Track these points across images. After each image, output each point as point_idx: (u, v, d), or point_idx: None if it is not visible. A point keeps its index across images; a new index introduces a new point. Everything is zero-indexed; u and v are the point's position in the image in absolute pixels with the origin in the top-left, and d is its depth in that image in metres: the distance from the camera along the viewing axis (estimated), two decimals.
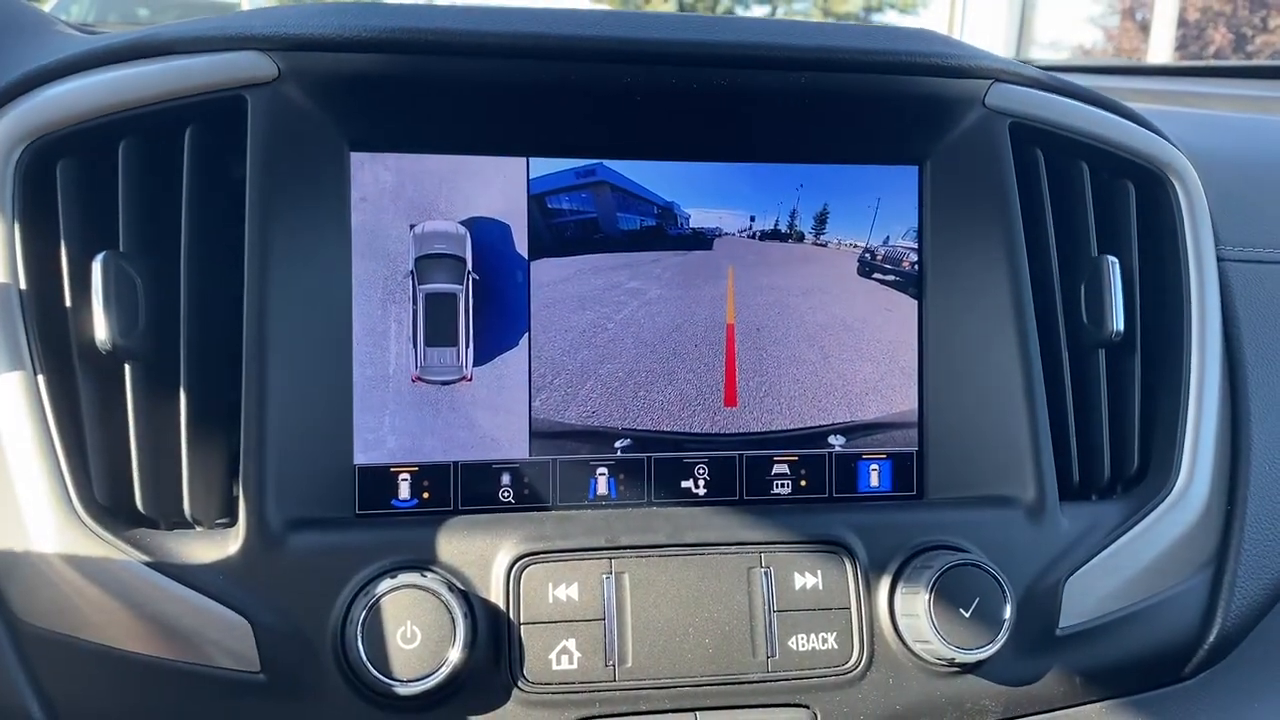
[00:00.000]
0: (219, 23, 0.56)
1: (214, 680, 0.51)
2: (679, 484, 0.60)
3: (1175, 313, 0.64)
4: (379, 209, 0.57)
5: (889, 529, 0.57)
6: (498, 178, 0.59)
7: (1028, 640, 0.56)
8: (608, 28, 0.56)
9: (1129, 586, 0.59)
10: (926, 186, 0.62)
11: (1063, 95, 0.63)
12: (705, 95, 0.57)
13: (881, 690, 0.55)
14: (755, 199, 0.61)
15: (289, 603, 0.51)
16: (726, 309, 0.61)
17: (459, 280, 0.58)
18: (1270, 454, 0.63)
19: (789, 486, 0.61)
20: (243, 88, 0.55)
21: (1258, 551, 0.62)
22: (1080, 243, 0.64)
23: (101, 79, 0.55)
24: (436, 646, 0.50)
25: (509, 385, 0.59)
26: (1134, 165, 0.64)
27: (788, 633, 0.54)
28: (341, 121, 0.56)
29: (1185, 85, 1.35)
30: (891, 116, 0.61)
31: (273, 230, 0.54)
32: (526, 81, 0.56)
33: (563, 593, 0.53)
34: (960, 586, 0.53)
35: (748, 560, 0.55)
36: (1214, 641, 0.61)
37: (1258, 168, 0.72)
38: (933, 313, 0.62)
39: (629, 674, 0.52)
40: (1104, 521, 0.60)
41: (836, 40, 0.58)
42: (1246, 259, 0.67)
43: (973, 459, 0.61)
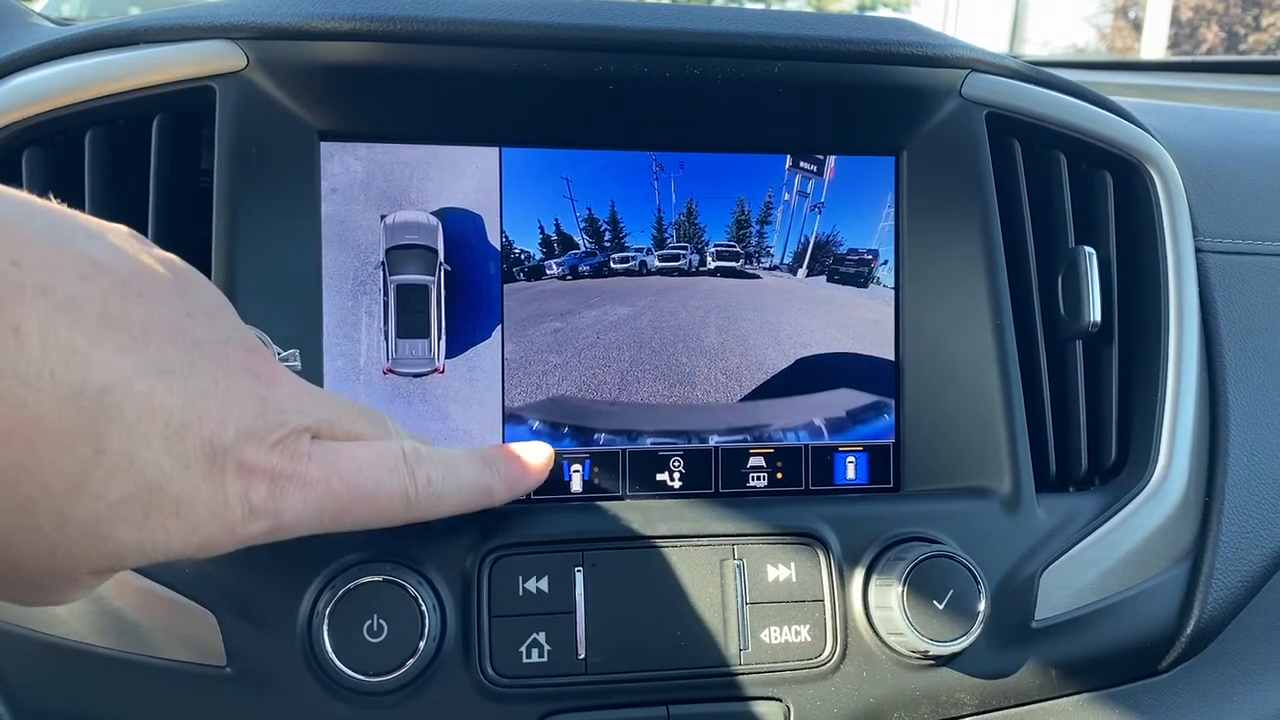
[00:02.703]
0: (186, 12, 0.56)
1: (179, 674, 0.50)
2: (654, 476, 0.60)
3: (1153, 304, 0.63)
4: (349, 199, 0.57)
5: (864, 521, 0.56)
6: (470, 168, 0.58)
7: (1003, 633, 0.56)
8: (579, 15, 0.55)
9: (1106, 579, 0.59)
10: (903, 177, 0.62)
11: (1040, 85, 0.63)
12: (678, 84, 0.57)
13: (855, 683, 0.54)
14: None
15: (255, 596, 0.50)
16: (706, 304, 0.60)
17: (431, 271, 0.58)
18: (1248, 446, 0.63)
19: (765, 479, 0.61)
20: (210, 77, 0.54)
21: (1235, 544, 0.61)
22: (1057, 234, 0.63)
23: (67, 68, 0.54)
24: (404, 640, 0.49)
25: (481, 377, 0.58)
26: (1111, 156, 0.64)
27: (760, 625, 0.53)
28: (311, 111, 0.55)
29: (1173, 80, 1.35)
30: (868, 106, 0.61)
31: (241, 221, 0.54)
32: (498, 70, 0.56)
33: (533, 585, 0.52)
34: (934, 578, 0.53)
35: (720, 553, 0.54)
36: (1191, 634, 0.60)
37: (1237, 160, 0.72)
38: (909, 304, 0.62)
39: (600, 667, 0.52)
40: (1081, 513, 0.60)
41: (810, 29, 0.57)
42: (1225, 250, 0.67)
43: (949, 451, 0.60)
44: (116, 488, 0.32)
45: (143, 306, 0.33)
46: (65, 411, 0.30)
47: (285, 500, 0.38)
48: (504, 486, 0.49)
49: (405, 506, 0.43)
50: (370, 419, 0.44)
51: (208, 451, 0.35)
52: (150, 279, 0.34)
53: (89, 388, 0.31)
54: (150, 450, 0.33)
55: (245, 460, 0.36)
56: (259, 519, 0.37)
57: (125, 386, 0.32)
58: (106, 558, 0.34)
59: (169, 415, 0.33)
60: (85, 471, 0.31)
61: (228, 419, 0.35)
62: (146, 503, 0.33)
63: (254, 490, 0.37)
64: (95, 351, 0.31)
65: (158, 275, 0.35)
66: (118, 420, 0.32)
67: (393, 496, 0.43)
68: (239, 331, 0.38)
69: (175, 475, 0.33)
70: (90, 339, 0.31)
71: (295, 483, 0.38)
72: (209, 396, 0.35)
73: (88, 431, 0.31)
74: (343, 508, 0.40)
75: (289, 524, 0.39)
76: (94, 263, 0.32)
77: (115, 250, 0.34)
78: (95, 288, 0.32)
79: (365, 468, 0.41)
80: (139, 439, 0.32)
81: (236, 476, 0.36)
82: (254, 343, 0.39)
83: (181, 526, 0.34)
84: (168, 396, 0.33)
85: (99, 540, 0.33)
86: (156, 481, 0.33)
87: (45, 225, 0.32)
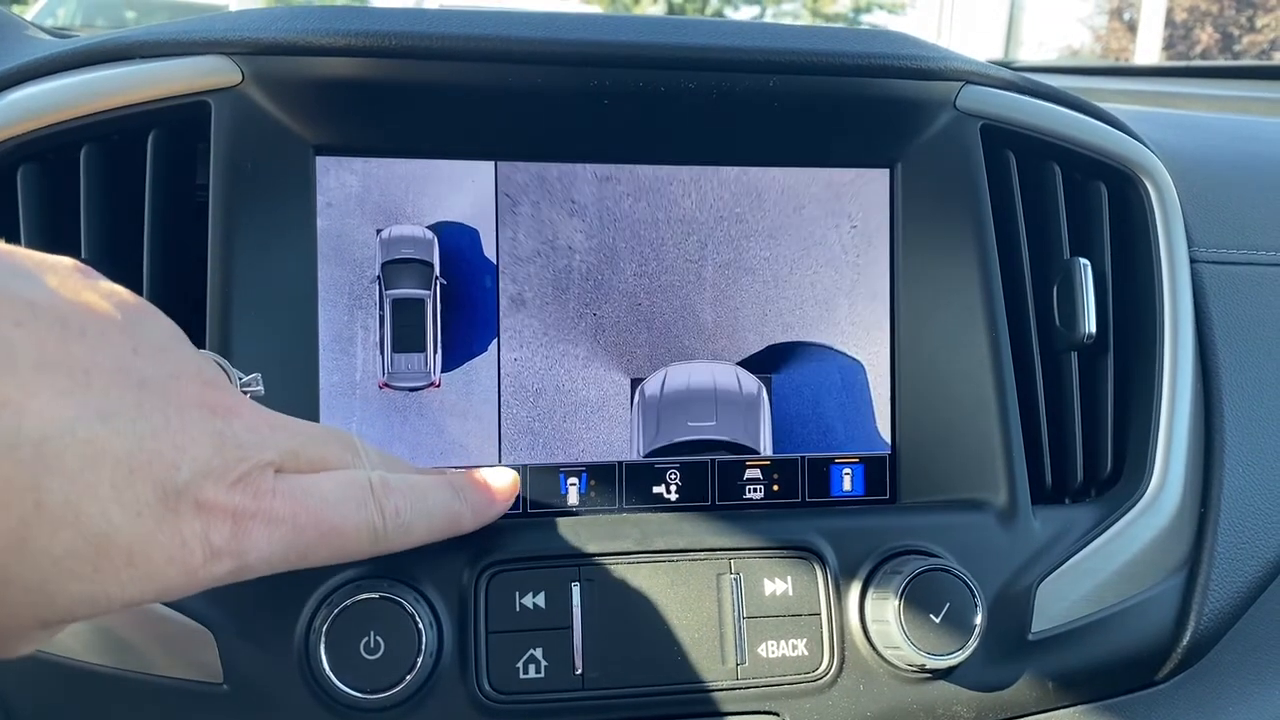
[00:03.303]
0: (182, 26, 0.56)
1: (177, 692, 0.50)
2: (650, 489, 0.60)
3: (1148, 315, 0.63)
4: (345, 214, 0.57)
5: (860, 534, 0.56)
6: (466, 182, 0.58)
7: (999, 645, 0.56)
8: (574, 30, 0.55)
9: (1102, 591, 0.59)
10: (898, 190, 0.62)
11: (1034, 96, 0.63)
12: (673, 99, 0.57)
13: (852, 697, 0.54)
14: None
15: (253, 612, 0.50)
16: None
17: (426, 285, 0.58)
18: (1243, 457, 0.63)
19: (761, 491, 0.61)
20: (206, 93, 0.54)
21: (1231, 555, 0.61)
22: (1052, 245, 0.63)
23: (62, 84, 0.54)
24: (401, 656, 0.49)
25: (477, 391, 0.58)
26: (1106, 166, 0.64)
27: (757, 639, 0.53)
28: (306, 126, 0.55)
29: (1167, 86, 1.35)
30: (863, 119, 0.61)
31: (236, 236, 0.54)
32: (493, 85, 0.56)
33: (530, 601, 0.52)
34: (931, 592, 0.53)
35: (717, 567, 0.54)
36: (1187, 645, 0.60)
37: (1231, 168, 0.72)
38: (904, 316, 0.62)
39: (597, 682, 0.52)
40: (1077, 525, 0.60)
41: (805, 43, 0.57)
42: (1219, 260, 0.67)
43: (945, 463, 0.61)
44: (61, 542, 0.31)
45: (84, 346, 0.32)
46: (1, 466, 0.29)
47: (249, 540, 0.36)
48: (471, 514, 0.48)
49: (372, 540, 0.42)
50: (336, 442, 0.43)
51: (160, 495, 0.33)
52: (92, 317, 0.33)
53: (24, 439, 0.29)
54: (96, 500, 0.31)
55: (204, 500, 0.35)
56: (222, 560, 0.36)
57: (65, 434, 0.30)
58: (56, 613, 0.32)
59: (116, 460, 0.32)
60: (26, 527, 0.30)
61: (181, 459, 0.34)
62: (95, 555, 0.31)
63: (215, 531, 0.35)
64: (30, 400, 0.30)
65: (101, 312, 0.34)
66: (58, 471, 0.30)
67: (360, 530, 0.41)
68: (192, 364, 0.37)
69: (125, 524, 0.32)
70: (24, 387, 0.30)
71: (259, 521, 0.37)
72: (159, 437, 0.33)
73: (26, 485, 0.30)
74: (309, 544, 0.39)
75: (254, 564, 0.37)
76: (30, 305, 0.31)
77: (53, 290, 0.33)
78: (30, 332, 0.31)
79: (332, 501, 0.40)
80: (83, 489, 0.31)
81: (195, 518, 0.34)
82: (210, 374, 0.37)
83: (136, 575, 0.33)
84: (113, 441, 0.32)
85: (46, 597, 0.31)
86: (105, 532, 0.31)
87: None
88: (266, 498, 0.37)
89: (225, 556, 0.36)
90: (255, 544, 0.37)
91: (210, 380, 0.37)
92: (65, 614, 0.33)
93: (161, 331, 0.36)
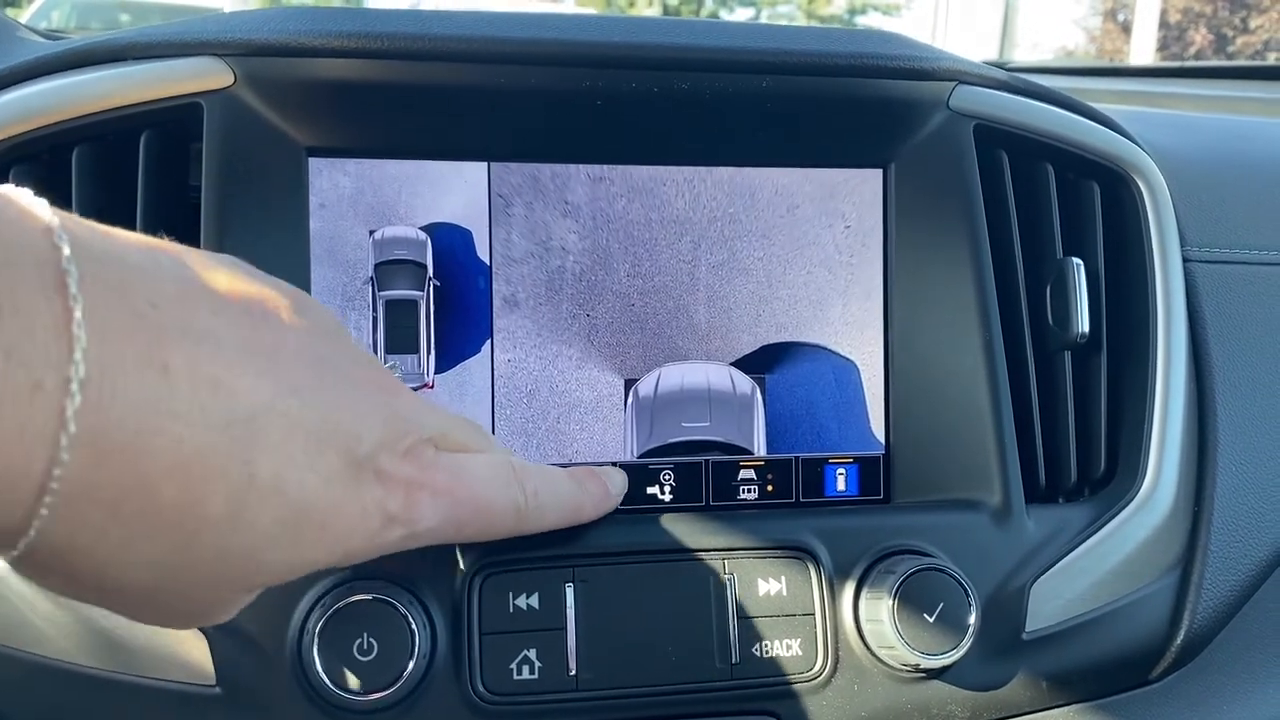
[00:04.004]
0: (174, 28, 0.56)
1: (169, 695, 0.50)
2: (644, 490, 0.60)
3: (1141, 314, 0.64)
4: (338, 215, 0.57)
5: (854, 534, 0.56)
6: (459, 183, 0.58)
7: (994, 645, 0.56)
8: (566, 31, 0.55)
9: (1096, 590, 0.59)
10: (891, 190, 0.62)
11: (1027, 96, 0.63)
12: (666, 100, 0.57)
13: (846, 697, 0.54)
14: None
15: (245, 615, 0.49)
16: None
17: (420, 286, 0.58)
18: (1236, 455, 0.63)
19: (755, 491, 0.61)
20: (198, 94, 0.54)
21: (1224, 554, 0.61)
22: (1045, 245, 0.64)
23: (55, 85, 0.54)
24: (394, 658, 0.49)
25: (471, 392, 0.58)
26: (1098, 166, 0.64)
27: (751, 640, 0.53)
28: (299, 127, 0.55)
29: (1160, 86, 1.36)
30: (856, 119, 0.61)
31: (229, 238, 0.54)
32: (486, 86, 0.56)
33: (523, 602, 0.52)
34: (925, 591, 0.53)
35: (711, 567, 0.54)
36: (1181, 644, 0.60)
37: (1224, 168, 0.72)
38: (898, 315, 0.62)
39: (591, 683, 0.52)
40: (1070, 524, 0.60)
41: (797, 43, 0.57)
42: (1212, 259, 0.67)
43: (939, 462, 0.61)
44: (269, 513, 0.33)
45: (269, 331, 0.34)
46: (219, 442, 0.31)
47: (419, 509, 0.39)
48: (591, 505, 0.51)
49: (516, 518, 0.44)
50: (473, 428, 0.45)
51: (346, 465, 0.35)
52: (270, 303, 0.35)
53: (237, 416, 0.31)
54: (296, 470, 0.33)
55: (382, 470, 0.37)
56: (395, 527, 0.38)
57: (267, 410, 0.32)
58: (261, 578, 0.35)
59: (308, 433, 0.34)
60: (241, 500, 0.32)
61: (362, 431, 0.36)
62: (296, 523, 0.34)
63: (391, 499, 0.37)
64: (237, 380, 0.32)
65: (275, 299, 0.36)
66: (265, 445, 0.32)
67: (506, 508, 0.44)
68: (354, 345, 0.39)
69: (320, 492, 0.34)
70: (230, 368, 0.32)
71: (427, 491, 0.39)
72: (341, 410, 0.35)
73: (241, 459, 0.31)
74: (464, 519, 0.42)
75: (421, 533, 0.39)
76: (218, 295, 0.33)
77: (232, 279, 0.34)
78: (226, 318, 0.33)
79: (483, 479, 0.43)
80: (285, 461, 0.33)
81: (375, 486, 0.37)
82: (370, 356, 0.40)
83: (327, 540, 0.35)
84: (305, 414, 0.34)
85: (255, 565, 0.34)
86: (305, 501, 0.34)
87: (168, 264, 0.32)
88: (430, 470, 0.40)
89: (398, 524, 0.38)
90: (423, 513, 0.39)
91: (372, 362, 0.40)
92: (269, 579, 0.35)
93: (325, 316, 0.38)
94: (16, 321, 0.27)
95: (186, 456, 0.30)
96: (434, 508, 0.40)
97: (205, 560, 0.32)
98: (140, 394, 0.29)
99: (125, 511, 0.29)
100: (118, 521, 0.29)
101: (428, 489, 0.39)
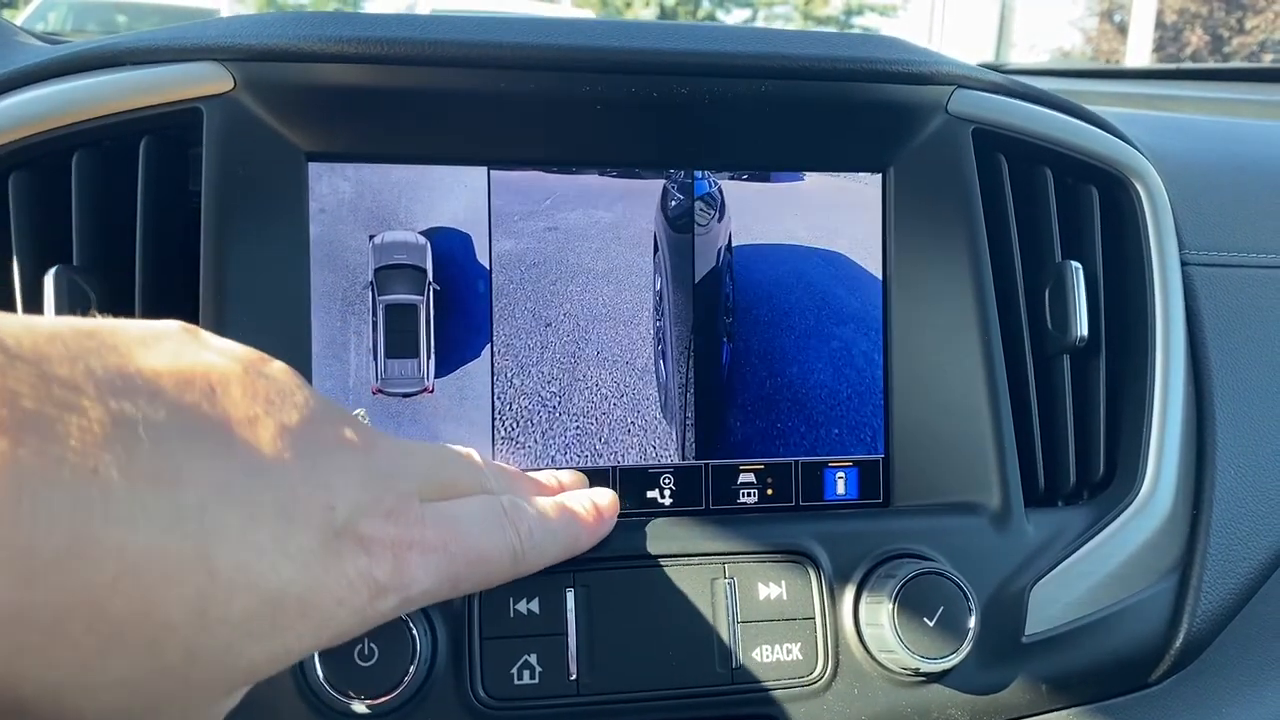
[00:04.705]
0: (174, 32, 0.56)
1: None
2: (644, 494, 0.60)
3: (1139, 317, 0.64)
4: (337, 220, 0.57)
5: (854, 537, 0.56)
6: (458, 187, 0.58)
7: (993, 648, 0.56)
8: (566, 36, 0.55)
9: (1095, 593, 0.59)
10: (890, 194, 0.62)
11: (1025, 100, 0.63)
12: (665, 104, 0.57)
13: (846, 701, 0.54)
14: None
15: None
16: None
17: (419, 291, 0.58)
18: (1235, 458, 0.63)
19: (755, 495, 0.61)
20: (198, 99, 0.54)
21: (1223, 556, 0.62)
22: (1044, 248, 0.64)
23: (53, 90, 0.54)
24: (395, 664, 0.49)
25: (471, 396, 0.58)
26: (1097, 169, 0.64)
27: (751, 644, 0.53)
28: (299, 133, 0.55)
29: (1158, 88, 1.36)
30: (855, 124, 0.61)
31: (229, 243, 0.54)
32: (486, 91, 0.56)
33: (524, 607, 0.52)
34: (924, 595, 0.53)
35: (711, 571, 0.54)
36: (1180, 647, 0.61)
37: (1222, 171, 0.72)
38: (897, 320, 0.62)
39: (592, 688, 0.52)
40: (1070, 528, 0.60)
41: (796, 48, 0.57)
42: (1210, 263, 0.67)
43: (939, 466, 0.61)
44: (239, 606, 0.30)
45: (217, 406, 0.31)
46: (168, 542, 0.28)
47: (409, 572, 0.36)
48: (587, 534, 0.49)
49: (513, 563, 0.43)
50: (460, 461, 0.43)
51: (322, 539, 0.33)
52: (218, 375, 0.32)
53: (185, 509, 0.29)
54: (264, 556, 0.31)
55: (363, 535, 0.34)
56: (388, 596, 0.35)
57: (221, 497, 0.30)
58: (240, 677, 0.32)
59: (274, 513, 0.31)
60: (203, 598, 0.29)
61: (334, 498, 0.34)
62: (272, 612, 0.31)
63: (377, 566, 0.35)
64: (182, 470, 0.29)
65: (224, 370, 0.33)
66: (223, 536, 0.30)
67: (502, 555, 0.42)
68: (318, 403, 0.36)
69: (294, 576, 0.31)
70: (173, 457, 0.29)
71: (416, 550, 0.37)
72: (309, 481, 0.33)
73: (197, 557, 0.29)
74: (460, 572, 0.39)
75: (416, 596, 0.37)
76: (157, 374, 0.30)
77: (175, 354, 0.32)
78: (164, 402, 0.30)
79: (476, 528, 0.40)
80: (249, 549, 0.30)
81: (358, 555, 0.34)
82: (335, 411, 0.37)
83: (310, 625, 0.33)
84: (267, 494, 0.31)
85: (230, 664, 0.31)
86: (278, 588, 0.31)
87: (95, 352, 0.29)
88: (418, 527, 0.37)
89: (390, 592, 0.35)
90: (415, 575, 0.37)
91: (337, 417, 0.36)
92: (249, 676, 0.32)
93: (283, 378, 0.35)
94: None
95: (132, 563, 0.27)
96: (426, 567, 0.37)
97: (174, 667, 0.29)
98: (68, 503, 0.26)
99: (71, 632, 0.27)
100: (64, 644, 0.27)
101: (417, 548, 0.37)
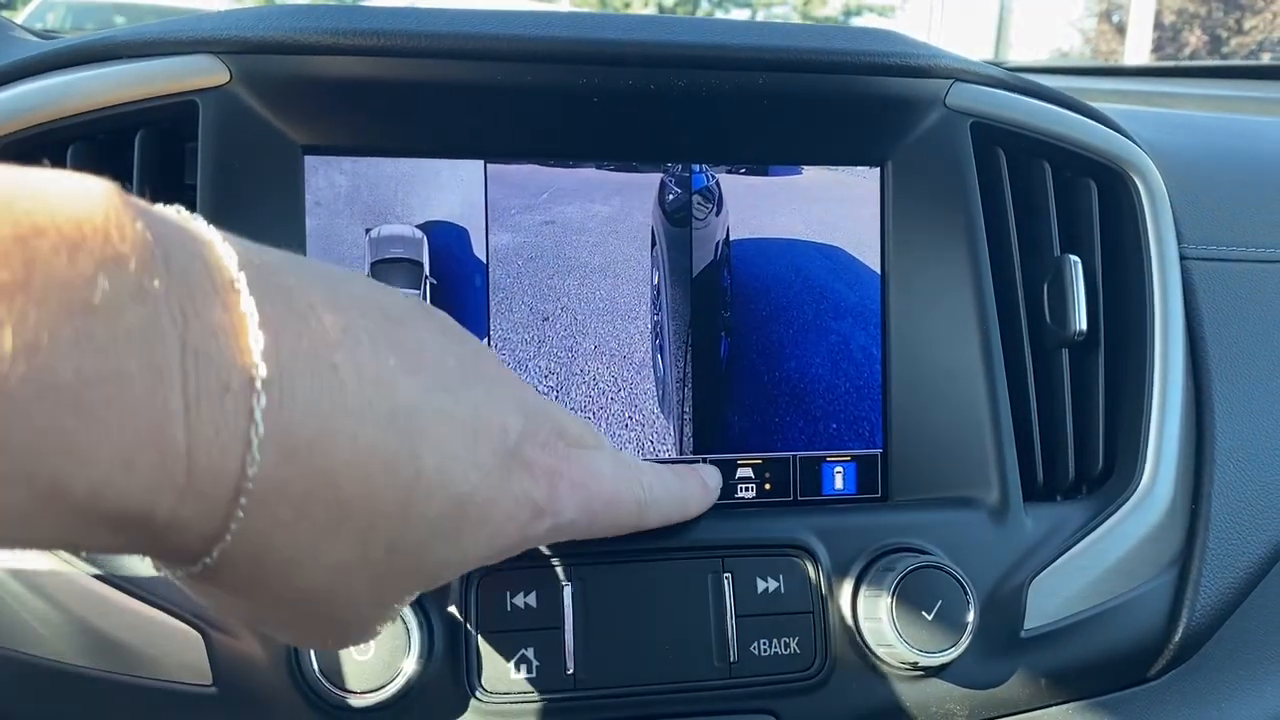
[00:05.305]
0: (169, 26, 0.55)
1: (165, 694, 0.50)
2: None
3: (1138, 312, 0.63)
4: (334, 213, 0.57)
5: (852, 532, 0.56)
6: (455, 181, 0.58)
7: (992, 643, 0.56)
8: (563, 29, 0.55)
9: (1094, 587, 0.59)
10: (888, 188, 0.62)
11: (1024, 94, 0.63)
12: (663, 97, 0.57)
13: (845, 695, 0.54)
14: None
15: None
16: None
17: (416, 285, 0.58)
18: (1234, 451, 0.63)
19: (753, 490, 0.61)
20: (193, 92, 0.54)
21: (1222, 550, 0.61)
22: (1043, 242, 0.64)
23: (49, 83, 0.54)
24: (391, 657, 0.49)
25: None
26: (1096, 164, 0.64)
27: (749, 638, 0.53)
28: (295, 126, 0.55)
29: (1157, 86, 1.36)
30: (853, 117, 0.61)
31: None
32: (483, 84, 0.55)
33: (521, 601, 0.52)
34: (923, 589, 0.53)
35: (709, 565, 0.54)
36: (1180, 641, 0.60)
37: (1221, 166, 0.72)
38: (895, 314, 0.62)
39: (589, 682, 0.52)
40: (1068, 522, 0.60)
41: (794, 41, 0.57)
42: (1210, 257, 0.67)
43: (937, 460, 0.60)
44: (436, 506, 0.33)
45: (408, 330, 0.34)
46: (388, 438, 0.31)
47: (561, 500, 0.39)
48: (695, 501, 0.52)
49: (638, 513, 0.45)
50: (587, 427, 0.45)
51: (499, 456, 0.36)
52: (403, 307, 0.36)
53: (399, 411, 0.32)
54: (458, 463, 0.34)
55: (527, 460, 0.38)
56: (544, 518, 0.39)
57: (424, 405, 0.33)
58: (425, 579, 0.35)
59: (463, 427, 0.34)
60: (410, 493, 0.32)
61: (506, 422, 0.37)
62: (459, 516, 0.34)
63: (536, 489, 0.38)
64: (395, 378, 0.32)
65: (405, 303, 0.36)
66: (428, 439, 0.33)
67: (630, 503, 0.45)
68: (481, 345, 0.40)
69: (479, 484, 0.35)
70: (386, 366, 0.32)
71: (566, 481, 0.40)
72: (485, 404, 0.36)
73: (409, 454, 0.32)
74: (597, 511, 0.42)
75: (563, 524, 0.40)
76: (362, 299, 0.34)
77: (368, 285, 0.35)
78: (374, 321, 0.33)
79: (609, 473, 0.43)
80: (448, 454, 0.33)
81: (524, 476, 0.37)
82: (494, 353, 0.40)
83: (486, 534, 0.36)
84: (457, 408, 0.35)
85: (421, 562, 0.34)
86: (466, 494, 0.34)
87: (319, 272, 0.33)
88: (565, 461, 0.40)
89: (545, 515, 0.39)
90: (565, 504, 0.40)
91: (496, 358, 0.41)
92: (431, 580, 0.36)
93: (448, 319, 0.39)
94: (200, 325, 0.27)
95: (361, 452, 0.30)
96: (572, 499, 0.40)
97: (377, 559, 0.32)
98: (316, 392, 0.29)
99: (312, 509, 0.30)
100: (307, 519, 0.30)
101: (566, 478, 0.40)
